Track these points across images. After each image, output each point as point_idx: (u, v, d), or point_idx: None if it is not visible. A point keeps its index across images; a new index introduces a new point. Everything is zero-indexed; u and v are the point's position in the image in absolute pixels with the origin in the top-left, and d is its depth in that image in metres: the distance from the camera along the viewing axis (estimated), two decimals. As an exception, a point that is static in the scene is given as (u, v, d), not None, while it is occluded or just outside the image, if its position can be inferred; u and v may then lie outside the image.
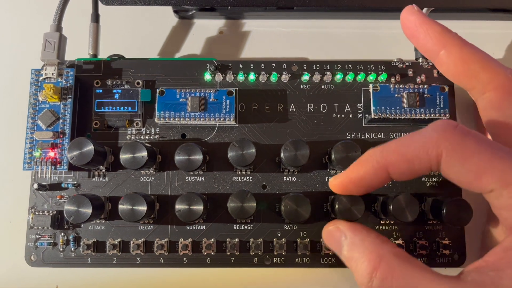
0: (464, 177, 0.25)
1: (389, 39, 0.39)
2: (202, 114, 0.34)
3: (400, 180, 0.27)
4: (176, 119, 0.33)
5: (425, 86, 0.34)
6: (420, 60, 0.36)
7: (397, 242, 0.33)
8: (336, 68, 0.35)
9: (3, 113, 0.38)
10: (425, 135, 0.26)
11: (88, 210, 0.31)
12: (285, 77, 0.35)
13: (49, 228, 0.33)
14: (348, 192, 0.29)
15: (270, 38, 0.40)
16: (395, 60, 0.36)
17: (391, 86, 0.34)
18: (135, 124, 0.35)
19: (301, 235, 0.33)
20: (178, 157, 0.31)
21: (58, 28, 0.34)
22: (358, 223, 0.29)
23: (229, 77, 0.35)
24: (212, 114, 0.34)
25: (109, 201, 0.34)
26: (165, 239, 0.33)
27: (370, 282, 0.25)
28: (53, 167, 0.33)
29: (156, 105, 0.34)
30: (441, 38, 0.29)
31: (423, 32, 0.30)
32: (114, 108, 0.34)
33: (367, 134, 0.35)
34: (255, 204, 0.31)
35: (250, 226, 0.34)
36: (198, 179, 0.34)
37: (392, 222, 0.33)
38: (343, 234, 0.29)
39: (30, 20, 0.40)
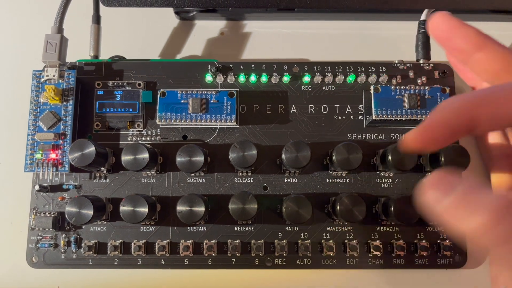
0: None
1: (390, 40, 0.39)
2: (204, 116, 0.34)
3: (479, 133, 0.25)
4: (177, 121, 0.34)
5: (426, 88, 0.34)
6: (421, 61, 0.36)
7: (398, 243, 0.33)
8: (337, 70, 0.36)
9: (5, 115, 0.38)
10: None
11: (90, 212, 0.31)
12: (286, 79, 0.35)
13: (51, 229, 0.33)
14: (424, 147, 0.24)
15: (271, 39, 0.40)
16: (396, 62, 0.36)
17: (392, 87, 0.34)
18: (136, 126, 0.35)
19: (302, 237, 0.33)
20: (179, 159, 0.32)
21: (59, 29, 0.34)
22: None
23: (230, 79, 0.35)
24: (213, 116, 0.34)
25: (111, 203, 0.34)
26: (167, 241, 0.33)
27: (497, 218, 0.20)
28: (54, 168, 0.33)
29: (158, 106, 0.34)
30: (479, 39, 0.29)
31: (460, 34, 0.30)
32: (115, 109, 0.34)
33: (368, 135, 0.35)
34: (256, 206, 0.31)
35: (251, 228, 0.34)
36: (199, 180, 0.34)
37: (393, 223, 0.33)
38: (451, 184, 0.22)
39: (32, 22, 0.40)
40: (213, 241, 0.33)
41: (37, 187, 0.33)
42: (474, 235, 0.21)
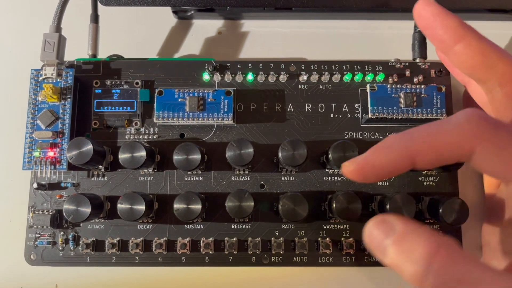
0: (498, 167, 0.25)
1: (386, 39, 0.40)
2: (201, 114, 0.34)
3: (422, 169, 0.26)
4: (174, 119, 0.34)
5: (422, 86, 0.34)
6: (417, 60, 0.36)
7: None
8: (334, 68, 0.36)
9: (3, 113, 0.38)
10: (458, 127, 0.25)
11: (87, 209, 0.31)
12: (283, 77, 0.35)
13: (49, 227, 0.33)
14: (364, 179, 0.26)
15: (269, 38, 0.40)
16: (393, 60, 0.36)
17: (389, 86, 0.34)
18: (134, 124, 0.35)
19: (299, 234, 0.34)
20: (176, 157, 0.32)
21: (58, 28, 0.35)
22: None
23: (228, 77, 0.35)
24: (210, 114, 0.34)
25: (108, 201, 0.34)
26: (164, 238, 0.33)
27: (427, 270, 0.23)
28: (52, 166, 0.33)
29: (155, 105, 0.34)
30: (459, 30, 0.29)
31: (440, 22, 0.29)
32: (113, 108, 0.35)
33: (365, 134, 0.35)
34: (253, 204, 0.31)
35: (248, 225, 0.34)
36: (197, 178, 0.34)
37: (390, 221, 0.34)
38: (391, 225, 0.25)
39: (30, 21, 0.40)
40: (210, 239, 0.33)
41: (35, 185, 0.33)
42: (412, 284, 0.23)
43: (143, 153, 0.31)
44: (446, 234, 0.33)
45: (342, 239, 0.33)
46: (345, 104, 0.35)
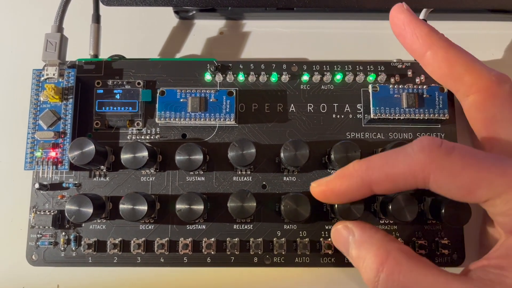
0: (455, 193, 0.25)
1: (388, 39, 0.39)
2: (203, 114, 0.34)
3: (382, 194, 0.28)
4: (176, 119, 0.34)
5: (424, 87, 0.34)
6: (415, 59, 0.36)
7: (396, 241, 0.33)
8: (335, 69, 0.36)
9: (5, 113, 0.38)
10: (411, 157, 0.26)
11: (89, 210, 0.31)
12: (285, 78, 0.35)
13: (50, 227, 0.33)
14: (327, 201, 0.30)
15: (270, 38, 0.40)
16: (395, 61, 0.36)
17: (391, 86, 0.34)
18: (135, 124, 0.35)
19: (300, 235, 0.34)
20: (178, 157, 0.32)
21: (59, 28, 0.35)
22: (366, 222, 0.30)
23: (229, 78, 0.35)
24: (212, 114, 0.34)
25: (110, 201, 0.34)
26: (166, 239, 0.33)
27: (376, 277, 0.26)
28: (54, 167, 0.33)
29: (157, 105, 0.34)
30: (427, 39, 0.29)
31: (410, 31, 0.30)
32: (115, 108, 0.35)
33: (367, 134, 0.35)
34: (255, 204, 0.31)
35: (250, 226, 0.34)
36: (199, 179, 0.34)
37: (392, 222, 0.34)
38: (351, 232, 0.29)
39: (32, 21, 0.40)
40: (212, 239, 0.33)
41: (37, 186, 0.33)
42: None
43: (145, 153, 0.31)
44: (447, 234, 0.33)
45: (344, 239, 0.33)
46: (347, 105, 0.35)
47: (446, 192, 0.26)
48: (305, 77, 0.35)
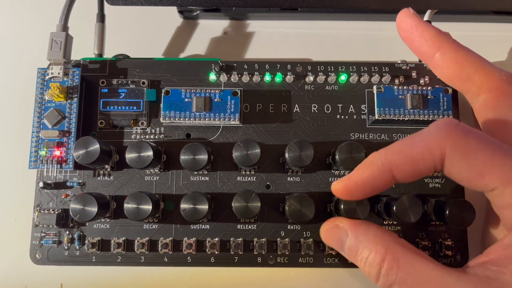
0: (466, 174, 0.25)
1: (393, 40, 0.40)
2: (207, 114, 0.34)
3: (405, 182, 0.28)
4: (181, 119, 0.34)
5: (429, 88, 0.34)
6: (423, 62, 0.36)
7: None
8: (340, 69, 0.36)
9: (10, 112, 0.38)
10: (428, 135, 0.26)
11: (94, 209, 0.31)
12: (289, 78, 0.35)
13: (54, 226, 0.33)
14: (351, 196, 0.29)
15: (274, 39, 0.40)
16: (399, 62, 0.36)
17: (395, 87, 0.34)
18: (140, 124, 0.35)
19: (304, 235, 0.34)
20: (183, 157, 0.32)
21: (65, 27, 0.35)
22: (355, 219, 0.30)
23: (234, 78, 0.35)
24: (217, 114, 0.34)
25: (114, 200, 0.34)
26: (170, 238, 0.33)
27: (378, 273, 0.26)
28: (58, 165, 0.33)
29: (162, 104, 0.34)
30: (436, 41, 0.30)
31: (418, 34, 0.30)
32: (120, 107, 0.35)
33: (371, 135, 0.35)
34: (259, 204, 0.31)
35: (254, 226, 0.34)
36: (203, 178, 0.34)
37: (395, 222, 0.34)
38: (344, 230, 0.29)
39: (37, 20, 0.40)
40: (216, 239, 0.33)
41: (41, 184, 0.33)
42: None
43: (150, 153, 0.31)
44: (450, 236, 0.33)
45: (348, 240, 0.33)
46: (351, 105, 0.35)
47: (458, 172, 0.25)
48: (310, 78, 0.35)
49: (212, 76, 0.35)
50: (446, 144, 0.25)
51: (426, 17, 0.36)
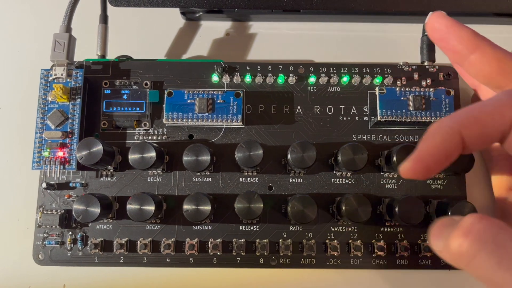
0: None
1: (395, 42, 0.40)
2: (210, 115, 0.34)
3: (473, 150, 0.26)
4: (184, 120, 0.34)
5: (431, 90, 0.34)
6: (425, 63, 0.36)
7: (402, 244, 0.33)
8: (342, 71, 0.36)
9: (13, 113, 0.38)
10: (499, 99, 0.25)
11: (97, 210, 0.31)
12: (291, 79, 0.35)
13: (57, 227, 0.33)
14: (427, 170, 0.26)
15: (277, 40, 0.40)
16: (401, 63, 0.36)
17: (397, 89, 0.34)
18: (143, 125, 0.35)
19: (307, 236, 0.34)
20: (186, 158, 0.32)
21: (68, 29, 0.35)
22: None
23: (236, 79, 0.36)
24: (219, 116, 0.34)
25: (117, 201, 0.34)
26: (172, 239, 0.33)
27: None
28: (61, 166, 0.33)
29: (164, 106, 0.34)
30: (473, 41, 0.30)
31: (454, 34, 0.30)
32: (122, 108, 0.35)
33: (373, 136, 0.35)
34: (262, 205, 0.31)
35: (256, 227, 0.34)
36: (205, 179, 0.34)
37: (397, 224, 0.34)
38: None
39: (40, 21, 0.40)
40: (218, 240, 0.33)
41: (44, 185, 0.33)
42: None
43: (153, 154, 0.32)
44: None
45: (350, 241, 0.33)
46: (353, 107, 0.35)
47: None
48: (312, 79, 0.35)
49: (215, 77, 0.35)
50: None
51: (427, 20, 0.36)
